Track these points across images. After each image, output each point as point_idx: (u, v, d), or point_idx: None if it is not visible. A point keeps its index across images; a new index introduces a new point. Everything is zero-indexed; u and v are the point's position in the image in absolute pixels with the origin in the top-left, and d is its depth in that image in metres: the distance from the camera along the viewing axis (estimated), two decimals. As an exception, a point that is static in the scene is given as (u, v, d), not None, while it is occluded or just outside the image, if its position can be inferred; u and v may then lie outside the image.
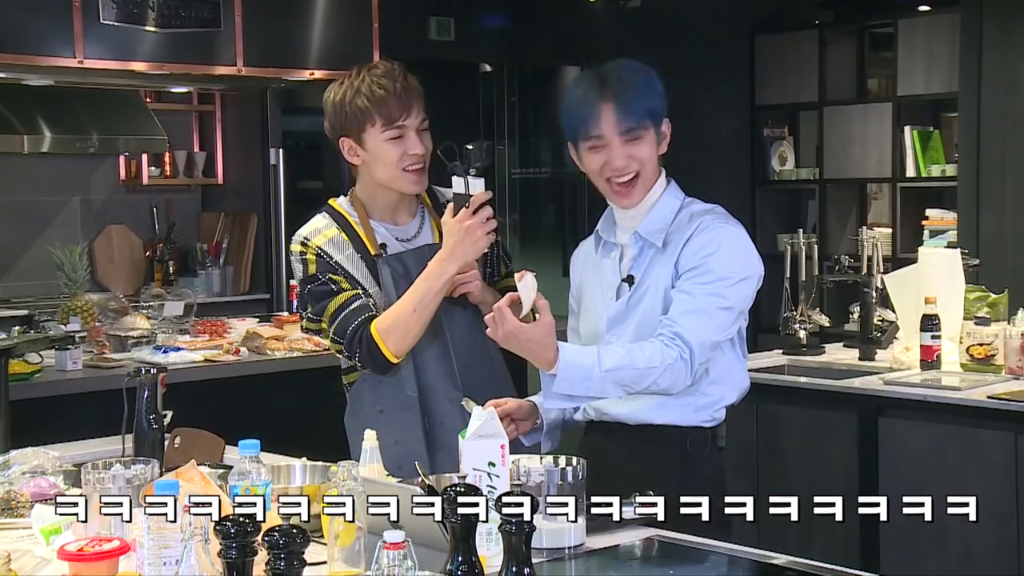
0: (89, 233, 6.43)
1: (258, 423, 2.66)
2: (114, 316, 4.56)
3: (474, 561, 1.72)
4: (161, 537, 1.80)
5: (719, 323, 2.38)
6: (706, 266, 2.38)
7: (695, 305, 2.37)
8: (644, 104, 2.43)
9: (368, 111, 2.65)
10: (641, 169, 2.45)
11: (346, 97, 2.68)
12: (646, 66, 2.49)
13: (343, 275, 2.69)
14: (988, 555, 3.71)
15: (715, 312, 2.37)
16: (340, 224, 2.74)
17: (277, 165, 6.50)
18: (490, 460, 2.06)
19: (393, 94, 2.64)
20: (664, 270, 2.44)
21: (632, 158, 2.44)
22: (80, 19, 4.82)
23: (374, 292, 2.70)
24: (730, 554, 2.13)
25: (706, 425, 2.47)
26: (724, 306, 2.38)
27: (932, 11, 7.24)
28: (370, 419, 2.65)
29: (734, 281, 2.38)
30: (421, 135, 2.69)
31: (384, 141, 2.66)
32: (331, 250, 2.70)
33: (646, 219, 2.48)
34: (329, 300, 2.68)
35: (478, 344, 2.68)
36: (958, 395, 3.78)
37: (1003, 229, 6.37)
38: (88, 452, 2.78)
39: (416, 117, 2.68)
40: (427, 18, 7.10)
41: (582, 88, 2.47)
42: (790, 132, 7.99)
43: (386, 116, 2.65)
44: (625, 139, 2.43)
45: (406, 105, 2.65)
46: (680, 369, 2.33)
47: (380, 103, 2.64)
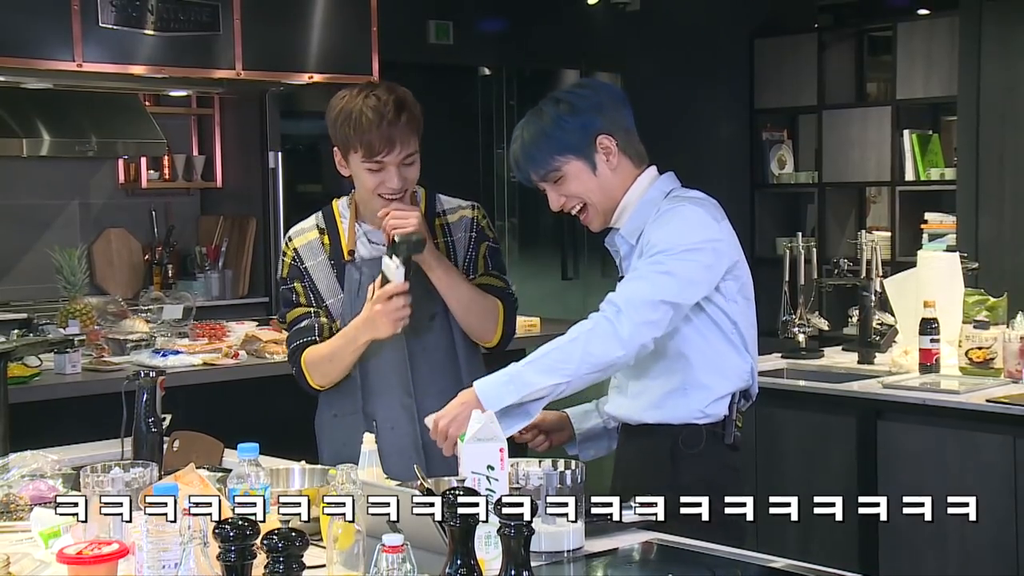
0: (88, 236, 6.43)
1: (257, 426, 2.66)
2: (113, 319, 4.56)
3: (473, 564, 1.72)
4: (160, 540, 1.80)
5: (656, 284, 2.32)
6: (650, 243, 2.38)
7: (633, 275, 2.38)
8: (538, 155, 2.45)
9: (351, 138, 2.65)
10: (586, 200, 2.47)
11: (339, 118, 2.67)
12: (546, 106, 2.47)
13: (307, 284, 2.78)
14: (987, 558, 3.71)
15: (652, 276, 2.33)
16: (327, 226, 2.81)
17: (276, 169, 6.50)
18: (489, 463, 2.06)
19: (378, 128, 2.61)
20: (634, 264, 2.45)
21: (567, 196, 2.47)
22: (79, 22, 4.82)
23: (333, 302, 2.76)
24: (729, 557, 2.13)
25: (699, 421, 2.43)
26: (663, 271, 2.33)
27: (931, 15, 7.25)
28: (326, 422, 2.83)
29: (677, 252, 2.35)
30: (404, 168, 2.67)
31: (363, 169, 2.67)
32: (305, 254, 2.79)
33: (626, 222, 2.48)
34: (288, 310, 2.82)
35: (443, 354, 2.74)
36: (957, 398, 3.78)
37: (1002, 232, 6.38)
38: (87, 455, 2.77)
39: (399, 153, 2.64)
40: (426, 22, 7.11)
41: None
42: (789, 136, 8.00)
43: (367, 148, 2.64)
44: (548, 183, 2.47)
45: (388, 141, 2.62)
46: (604, 328, 2.28)
47: (363, 134, 2.63)
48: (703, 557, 2.13)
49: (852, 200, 7.73)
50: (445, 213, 2.82)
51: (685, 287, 2.35)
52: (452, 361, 2.75)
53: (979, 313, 4.14)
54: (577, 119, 2.44)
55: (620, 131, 2.47)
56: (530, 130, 2.47)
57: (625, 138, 2.48)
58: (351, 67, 5.69)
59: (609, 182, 2.46)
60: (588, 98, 2.47)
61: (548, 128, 2.45)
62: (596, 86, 2.60)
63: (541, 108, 2.49)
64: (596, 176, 2.45)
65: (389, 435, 2.68)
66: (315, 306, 2.77)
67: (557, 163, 2.45)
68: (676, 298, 2.34)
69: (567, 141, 2.44)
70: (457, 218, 2.82)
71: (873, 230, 6.88)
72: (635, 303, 2.31)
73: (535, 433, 2.57)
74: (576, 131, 2.44)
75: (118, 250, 6.58)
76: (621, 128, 2.47)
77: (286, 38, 5.48)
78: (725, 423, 2.45)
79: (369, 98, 2.63)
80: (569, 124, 2.44)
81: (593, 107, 2.46)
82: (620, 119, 2.48)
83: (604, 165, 2.45)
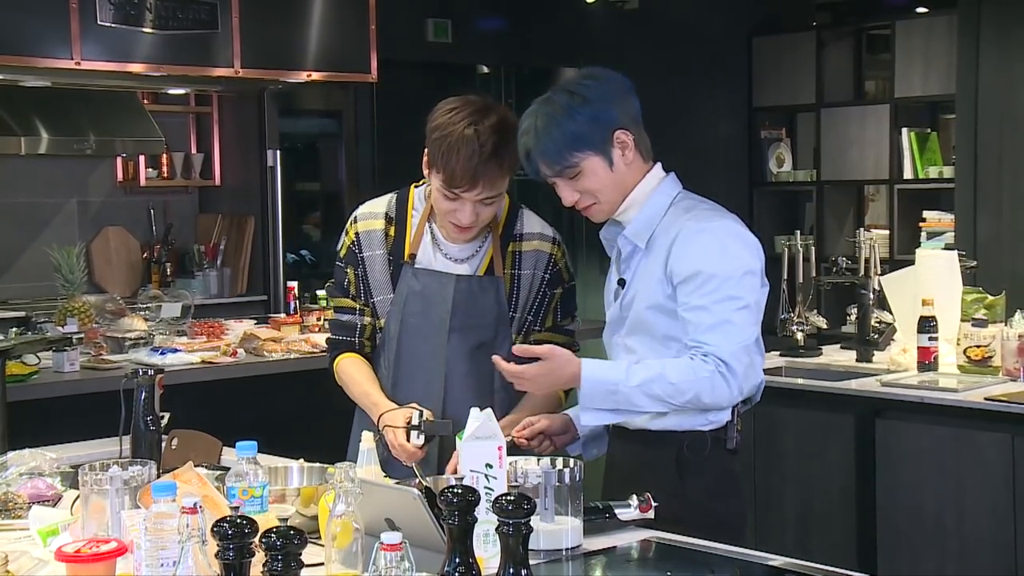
0: (86, 235, 6.43)
1: (255, 424, 2.66)
2: (111, 318, 4.56)
3: (471, 563, 1.72)
4: (158, 538, 1.80)
5: (743, 324, 2.31)
6: (704, 274, 2.31)
7: (713, 318, 2.29)
8: (554, 149, 2.36)
9: (436, 159, 2.52)
10: (597, 197, 2.41)
11: (435, 132, 2.52)
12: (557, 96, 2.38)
13: (360, 274, 2.71)
14: (985, 556, 3.71)
15: (735, 315, 2.30)
16: (396, 215, 2.70)
17: (274, 167, 6.50)
18: (487, 462, 2.06)
19: (467, 162, 2.47)
20: (650, 272, 2.38)
21: (580, 192, 2.40)
22: (77, 20, 4.81)
23: (381, 299, 2.69)
24: (727, 556, 2.13)
25: (703, 428, 2.40)
26: (740, 306, 2.31)
27: (929, 13, 7.25)
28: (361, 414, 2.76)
29: (738, 278, 2.31)
30: (480, 206, 2.54)
31: (440, 193, 2.56)
32: (364, 242, 2.70)
33: (633, 221, 2.42)
34: (337, 294, 2.77)
35: (483, 381, 2.65)
36: (955, 396, 3.78)
37: (1000, 231, 6.38)
38: (85, 454, 2.77)
39: (480, 192, 2.52)
40: (424, 20, 7.11)
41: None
42: (787, 134, 8.00)
43: (448, 178, 2.51)
44: (563, 179, 2.39)
45: (471, 180, 2.49)
46: (720, 384, 2.28)
47: (448, 161, 2.49)
48: (701, 555, 2.13)
49: (850, 198, 7.73)
50: (521, 239, 2.69)
51: (760, 312, 2.36)
52: (488, 389, 2.65)
53: (977, 311, 4.14)
54: (592, 111, 2.36)
55: (633, 124, 2.41)
56: (543, 122, 2.37)
57: (638, 131, 2.42)
58: (350, 65, 5.69)
59: (623, 177, 2.40)
60: (600, 89, 2.39)
61: (564, 121, 2.35)
62: (605, 76, 2.45)
63: (552, 99, 2.39)
64: (612, 172, 2.39)
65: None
66: (361, 301, 2.72)
67: (575, 158, 2.36)
68: (759, 326, 2.36)
69: (584, 135, 2.35)
70: (532, 249, 2.69)
71: (871, 228, 6.88)
72: (738, 355, 2.29)
73: (541, 439, 2.53)
74: (594, 125, 2.36)
75: (116, 248, 6.58)
76: (633, 120, 2.41)
77: (284, 36, 5.48)
78: (727, 428, 2.42)
79: (470, 127, 2.48)
80: (587, 118, 2.35)
81: (608, 98, 2.38)
82: (631, 110, 2.42)
83: (620, 160, 2.39)
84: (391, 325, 2.69)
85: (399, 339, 2.68)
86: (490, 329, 2.65)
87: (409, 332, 2.67)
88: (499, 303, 2.66)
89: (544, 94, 2.43)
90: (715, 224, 2.36)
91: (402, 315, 2.67)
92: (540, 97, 2.42)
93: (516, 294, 2.67)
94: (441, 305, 2.64)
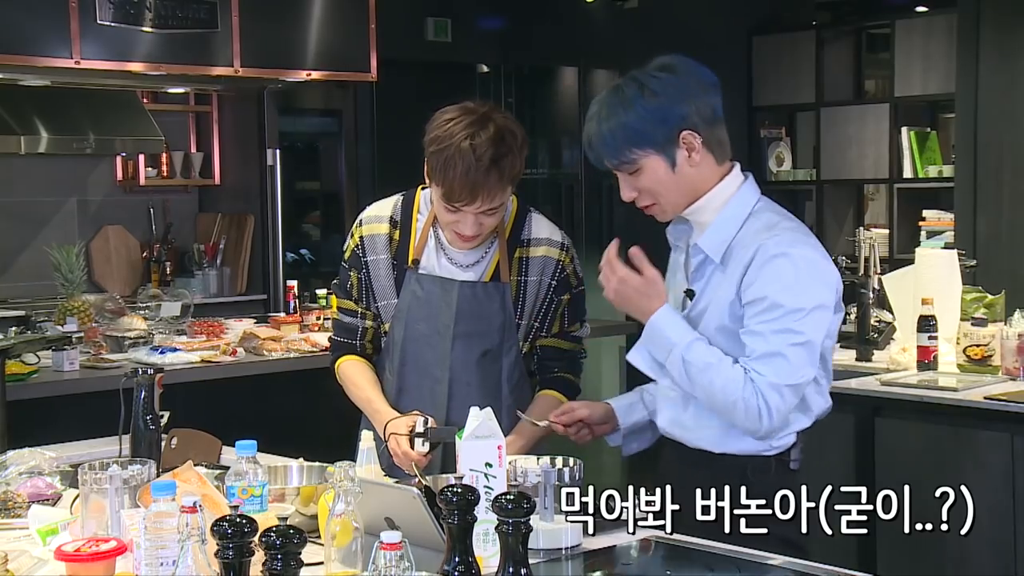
0: (86, 234, 6.43)
1: (255, 424, 2.66)
2: (111, 317, 4.56)
3: (471, 561, 1.72)
4: (158, 537, 1.80)
5: (796, 363, 2.21)
6: (768, 300, 2.21)
7: (766, 347, 2.21)
8: (614, 143, 2.26)
9: (435, 171, 2.48)
10: (657, 198, 2.30)
11: (432, 143, 2.48)
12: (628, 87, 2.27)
13: (363, 278, 2.69)
14: (984, 555, 3.71)
15: (789, 351, 2.21)
16: (402, 219, 2.66)
17: (274, 166, 6.49)
18: (487, 461, 2.06)
19: (464, 176, 2.43)
20: (724, 290, 2.28)
21: (637, 189, 2.30)
22: (77, 20, 4.81)
23: (385, 304, 2.68)
24: (727, 555, 2.13)
25: (767, 454, 2.33)
26: (798, 342, 2.21)
27: (929, 12, 7.26)
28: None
29: (805, 313, 2.21)
30: (482, 216, 2.50)
31: (440, 204, 2.53)
32: (368, 246, 2.68)
33: (708, 230, 2.30)
34: (341, 295, 2.76)
35: (487, 390, 2.62)
36: (955, 396, 3.78)
37: (1000, 230, 6.38)
38: (85, 453, 2.77)
39: (481, 204, 2.47)
40: (424, 19, 7.10)
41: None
42: (787, 133, 8.01)
43: (447, 192, 2.47)
44: (622, 173, 2.30)
45: (470, 193, 2.44)
46: (753, 414, 2.22)
47: (445, 176, 2.45)
48: (701, 554, 2.13)
49: (850, 197, 7.73)
50: (529, 244, 2.65)
51: (818, 348, 2.26)
52: (495, 397, 2.61)
53: (977, 310, 4.14)
54: (661, 109, 2.23)
55: (706, 124, 2.27)
56: (608, 114, 2.26)
57: (710, 131, 2.28)
58: (349, 64, 5.69)
59: (688, 180, 2.28)
60: (674, 84, 2.25)
61: (626, 115, 2.24)
62: (685, 69, 2.29)
63: (623, 89, 2.26)
64: (675, 174, 2.26)
65: None
66: (363, 305, 2.71)
67: (634, 155, 2.25)
68: (814, 364, 2.27)
69: (648, 134, 2.24)
70: (540, 255, 2.64)
71: (871, 227, 6.89)
72: (781, 391, 2.21)
73: (579, 426, 2.48)
74: (659, 124, 2.23)
75: (116, 247, 6.58)
76: (708, 119, 2.27)
77: (284, 35, 5.48)
78: (791, 451, 2.36)
79: (467, 140, 2.43)
80: (652, 115, 2.23)
81: (680, 96, 2.25)
82: (707, 109, 2.28)
83: (685, 162, 2.26)
84: (395, 331, 2.68)
85: (403, 346, 2.66)
86: (495, 336, 2.63)
87: (413, 339, 2.65)
88: (505, 310, 2.63)
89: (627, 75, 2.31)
90: (795, 251, 2.24)
91: (406, 321, 2.66)
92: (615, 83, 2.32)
93: (522, 301, 2.64)
94: (445, 311, 2.62)
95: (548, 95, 8.07)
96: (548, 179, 7.95)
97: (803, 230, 2.32)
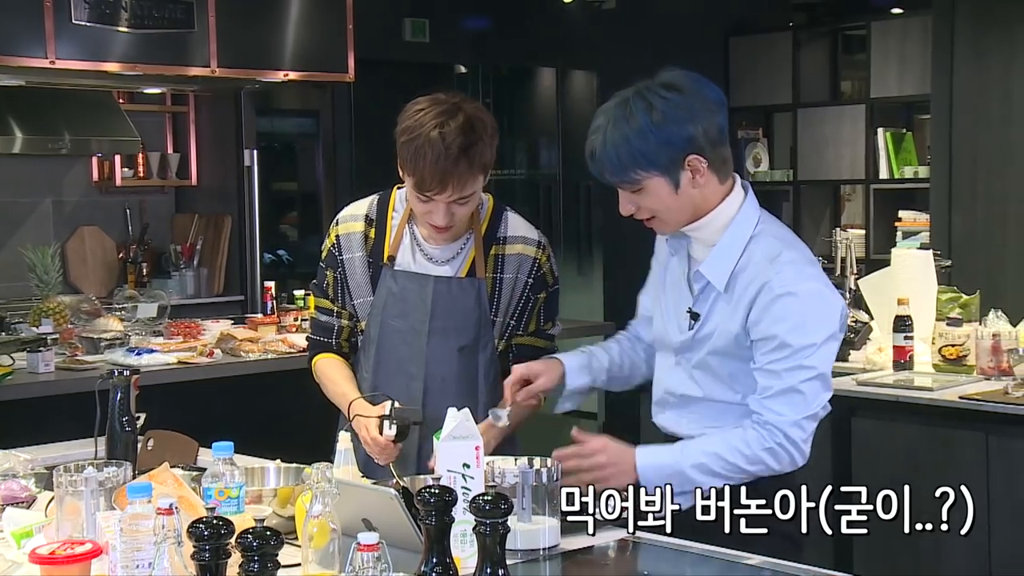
0: (61, 235, 6.39)
1: (232, 425, 2.65)
2: (87, 318, 4.54)
3: (448, 562, 1.72)
4: (134, 540, 1.79)
5: (812, 395, 2.26)
6: (780, 340, 2.23)
7: (781, 385, 2.24)
8: (619, 162, 2.23)
9: (406, 162, 2.49)
10: (656, 213, 2.29)
11: (403, 134, 2.49)
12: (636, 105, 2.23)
13: (339, 276, 2.69)
14: (960, 554, 3.74)
15: (804, 386, 2.24)
16: (377, 217, 2.68)
17: (251, 166, 6.47)
18: (464, 461, 2.05)
19: (434, 165, 2.44)
20: (731, 322, 2.29)
21: (637, 206, 2.29)
22: (52, 19, 4.78)
23: (361, 302, 2.68)
24: (704, 555, 2.13)
25: None
26: (811, 376, 2.25)
27: (904, 14, 7.30)
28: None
29: (816, 348, 2.24)
30: (454, 206, 2.51)
31: (413, 194, 2.54)
32: (344, 244, 2.69)
33: (711, 257, 2.31)
34: (317, 294, 2.77)
35: (463, 387, 2.63)
36: (930, 395, 3.80)
37: (974, 230, 6.42)
38: (60, 455, 2.76)
39: (452, 193, 2.48)
40: (402, 19, 7.10)
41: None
42: (764, 134, 8.03)
43: (418, 181, 2.48)
44: (623, 190, 2.29)
45: (441, 182, 2.46)
46: (781, 454, 2.25)
47: (416, 165, 2.46)
48: (679, 554, 2.13)
49: (827, 198, 7.77)
50: (505, 241, 2.66)
51: (830, 376, 2.30)
52: (471, 394, 2.62)
53: (952, 310, 4.16)
54: (668, 132, 2.21)
55: (712, 145, 2.25)
56: (614, 132, 2.23)
57: (715, 152, 2.27)
58: (327, 65, 5.68)
59: (691, 200, 2.27)
60: (683, 105, 2.23)
61: (633, 136, 2.21)
62: (693, 89, 2.26)
63: (631, 105, 2.23)
64: (677, 195, 2.26)
65: None
66: (340, 304, 2.71)
67: (638, 176, 2.24)
68: (829, 390, 2.30)
69: (653, 157, 2.22)
70: (515, 253, 2.65)
71: (847, 228, 6.92)
72: (801, 424, 2.26)
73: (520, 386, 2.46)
74: (665, 147, 2.21)
75: (92, 248, 6.54)
76: (713, 140, 2.26)
77: (261, 36, 5.46)
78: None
79: (436, 129, 2.44)
80: (659, 137, 2.21)
81: (688, 118, 2.22)
82: (713, 130, 2.26)
83: (689, 184, 2.25)
84: (371, 328, 2.68)
85: (379, 343, 2.67)
86: (471, 331, 2.64)
87: (389, 335, 2.66)
88: (480, 305, 2.64)
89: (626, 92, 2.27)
90: (801, 288, 2.25)
91: (381, 317, 2.66)
92: (620, 94, 2.28)
93: (498, 298, 2.65)
94: (420, 307, 2.63)
95: (526, 96, 8.08)
96: (526, 180, 7.96)
97: (805, 257, 2.32)
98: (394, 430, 2.53)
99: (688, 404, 2.40)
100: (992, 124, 6.37)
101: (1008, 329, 3.94)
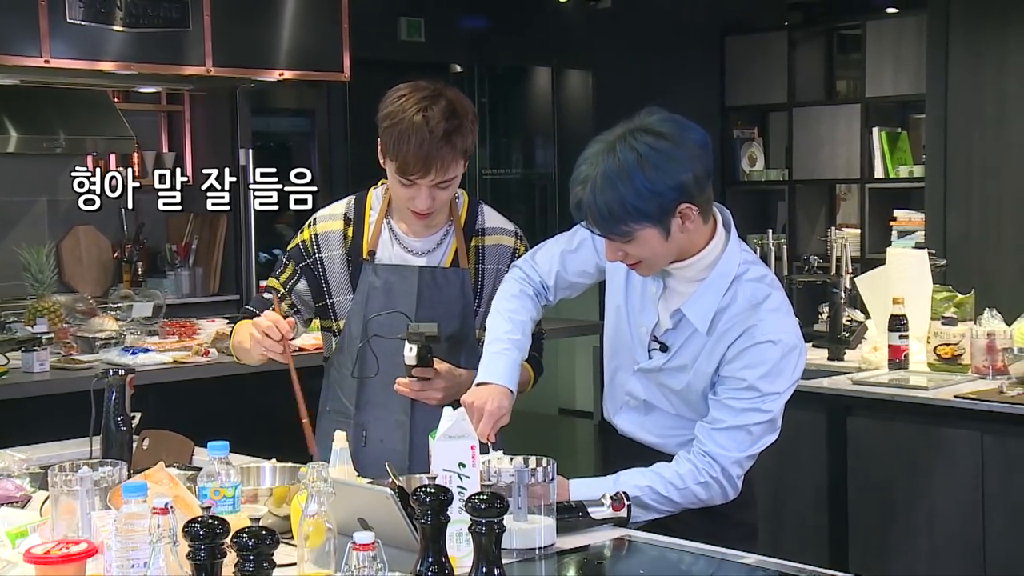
0: (56, 234, 6.38)
1: (227, 424, 2.64)
2: (82, 317, 4.53)
3: (444, 562, 1.72)
4: (129, 539, 1.79)
5: (758, 435, 2.31)
6: (750, 383, 2.28)
7: (734, 421, 2.29)
8: (610, 216, 2.20)
9: (389, 147, 2.51)
10: (642, 259, 2.28)
11: (385, 119, 2.51)
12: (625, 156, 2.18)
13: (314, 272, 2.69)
14: (955, 553, 3.74)
15: (755, 428, 2.30)
16: (355, 216, 2.69)
17: (247, 166, 6.47)
18: (460, 461, 2.06)
19: (417, 149, 2.46)
20: (706, 359, 2.32)
21: (625, 253, 2.28)
22: (46, 18, 4.78)
23: (341, 300, 2.68)
24: (699, 554, 2.14)
25: None
26: (764, 420, 2.30)
27: (900, 13, 7.31)
28: (323, 414, 2.75)
29: (778, 397, 2.30)
30: (436, 190, 2.53)
31: (395, 179, 2.56)
32: (323, 243, 2.70)
33: (693, 297, 2.31)
34: (272, 276, 2.77)
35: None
36: (925, 394, 3.81)
37: (970, 230, 6.43)
38: (55, 454, 2.76)
39: (435, 177, 2.50)
40: (397, 19, 7.10)
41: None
42: (759, 133, 8.04)
43: (401, 165, 2.50)
44: (613, 240, 2.27)
45: (424, 165, 2.48)
46: (715, 488, 2.30)
47: (400, 147, 2.48)
48: (674, 553, 2.14)
49: (822, 197, 7.78)
50: (484, 233, 2.69)
51: (780, 422, 2.34)
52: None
53: (947, 310, 4.17)
54: (658, 183, 2.17)
55: (701, 190, 2.23)
56: (604, 185, 2.18)
57: (703, 196, 2.25)
58: (322, 64, 5.67)
59: (678, 245, 2.26)
60: (673, 154, 2.19)
61: (626, 192, 2.17)
62: (681, 138, 2.21)
63: (618, 154, 2.18)
64: (667, 242, 2.24)
65: (377, 447, 2.64)
66: (287, 290, 2.71)
67: (630, 228, 2.21)
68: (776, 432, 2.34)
69: (644, 209, 2.19)
70: (494, 243, 2.69)
71: (843, 227, 6.93)
72: (741, 462, 2.32)
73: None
74: (657, 198, 2.18)
75: (87, 247, 6.53)
76: (702, 184, 2.24)
77: (257, 35, 5.46)
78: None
79: (419, 113, 2.47)
80: (651, 190, 2.17)
81: (679, 168, 2.19)
82: (703, 174, 2.23)
83: (677, 230, 2.23)
84: (352, 325, 2.67)
85: (362, 337, 2.66)
86: (456, 321, 2.65)
87: (373, 330, 2.65)
88: (464, 295, 2.66)
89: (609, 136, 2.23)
90: (783, 339, 2.29)
91: (364, 313, 2.65)
92: (603, 139, 2.23)
93: (481, 288, 2.67)
94: (405, 298, 2.63)
95: (521, 95, 8.08)
96: (522, 179, 7.96)
97: (785, 307, 2.34)
98: (414, 352, 2.50)
99: (651, 411, 2.44)
100: (987, 124, 6.38)
101: (1003, 328, 3.95)
